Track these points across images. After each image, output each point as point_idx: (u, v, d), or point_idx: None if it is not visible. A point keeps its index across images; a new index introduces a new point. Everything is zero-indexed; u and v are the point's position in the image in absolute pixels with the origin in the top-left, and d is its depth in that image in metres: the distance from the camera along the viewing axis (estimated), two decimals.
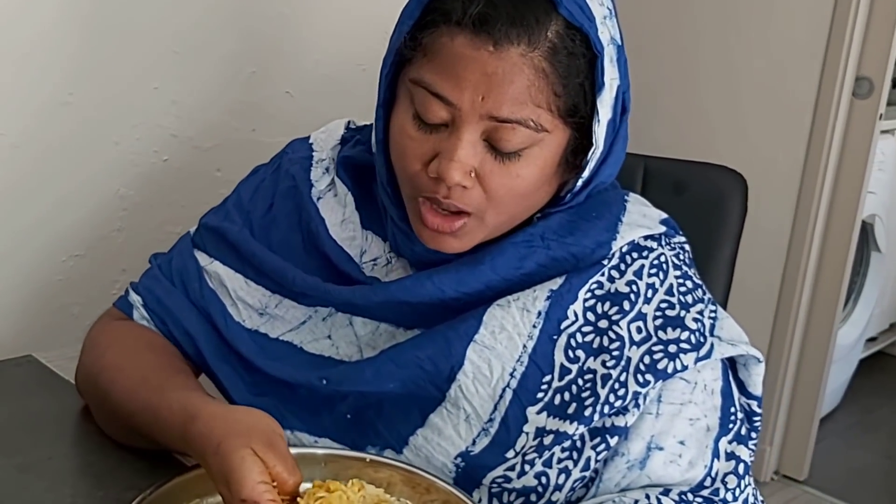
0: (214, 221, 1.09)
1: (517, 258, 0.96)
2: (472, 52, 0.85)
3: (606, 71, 0.89)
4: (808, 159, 2.64)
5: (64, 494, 0.96)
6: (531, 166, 0.90)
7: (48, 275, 1.40)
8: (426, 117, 0.88)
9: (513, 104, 0.85)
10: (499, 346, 0.94)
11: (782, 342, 2.79)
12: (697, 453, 0.94)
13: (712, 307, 0.99)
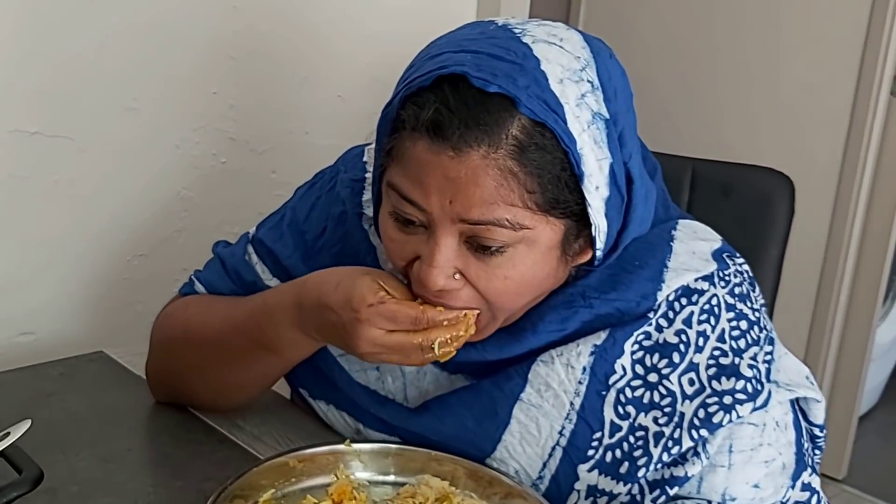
0: (269, 241, 1.10)
1: (559, 321, 0.93)
2: (432, 157, 0.81)
3: (586, 158, 0.82)
4: (846, 157, 2.65)
5: (145, 484, 1.01)
6: (520, 265, 0.85)
7: (115, 274, 1.45)
8: (403, 217, 0.86)
9: (482, 206, 0.81)
10: (545, 404, 0.93)
11: (820, 341, 2.79)
12: (773, 492, 0.92)
13: (768, 347, 0.94)
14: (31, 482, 0.84)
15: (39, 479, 0.85)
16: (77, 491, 0.96)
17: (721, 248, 0.99)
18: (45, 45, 1.30)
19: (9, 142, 1.30)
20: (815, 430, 0.99)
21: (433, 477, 0.99)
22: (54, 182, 1.35)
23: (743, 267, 0.99)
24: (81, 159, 1.37)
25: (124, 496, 0.97)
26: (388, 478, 1.00)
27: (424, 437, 0.99)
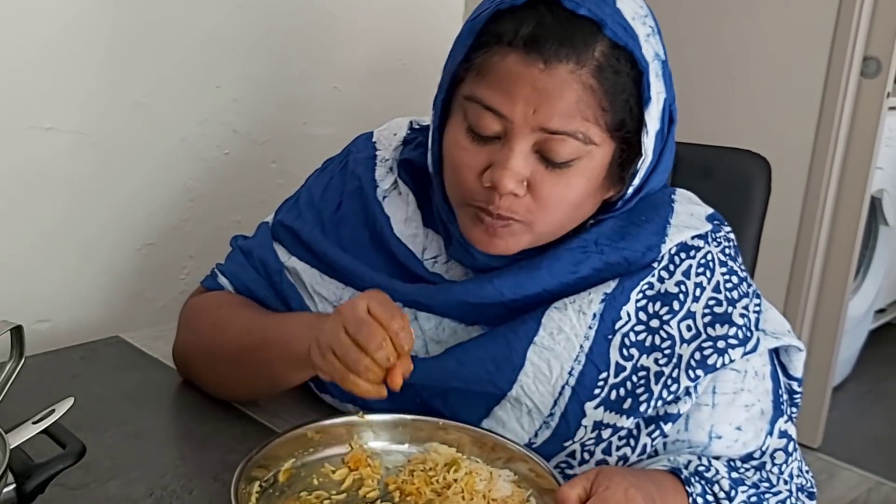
0: (288, 220, 1.17)
1: (573, 263, 1.02)
2: (523, 69, 0.91)
3: (652, 85, 0.95)
4: (818, 137, 2.70)
5: (173, 457, 1.08)
6: (579, 177, 0.95)
7: (125, 262, 1.51)
8: (480, 130, 0.95)
9: (562, 117, 0.91)
10: (557, 346, 1.01)
11: (794, 315, 2.83)
12: (753, 436, 1.02)
13: (756, 300, 1.05)
14: (76, 455, 0.91)
15: (82, 453, 0.91)
16: (110, 465, 1.02)
17: (713, 215, 1.10)
18: (58, 45, 1.36)
19: (25, 138, 1.36)
20: (793, 385, 1.09)
21: (441, 444, 1.06)
22: (68, 175, 1.42)
23: (730, 234, 1.10)
24: (93, 153, 1.43)
25: (154, 469, 1.04)
26: (398, 447, 1.07)
27: (446, 384, 1.05)
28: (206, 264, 1.56)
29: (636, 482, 0.92)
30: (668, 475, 0.99)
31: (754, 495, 1.00)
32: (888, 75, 2.66)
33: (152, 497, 0.99)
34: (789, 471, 1.05)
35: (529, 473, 1.01)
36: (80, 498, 0.97)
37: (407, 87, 1.77)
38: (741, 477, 1.01)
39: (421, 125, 1.19)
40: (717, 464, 1.00)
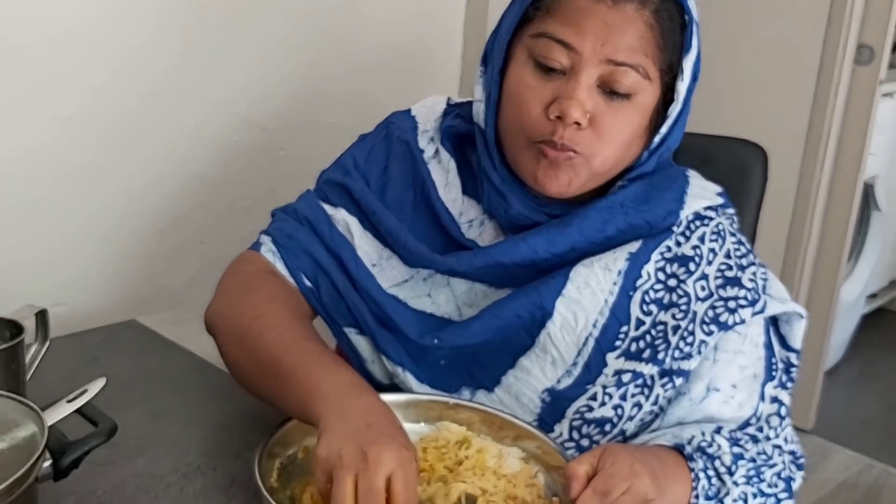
0: (337, 177, 1.18)
1: (600, 222, 1.09)
2: (594, 4, 1.00)
3: (694, 36, 1.04)
4: (812, 124, 2.74)
5: (195, 436, 1.12)
6: (635, 112, 1.04)
7: (139, 248, 1.55)
8: (548, 63, 1.02)
9: (628, 50, 1.00)
10: (584, 299, 1.08)
11: None
12: (747, 396, 1.09)
13: (762, 269, 1.12)
14: (108, 433, 0.94)
15: (114, 431, 0.95)
16: (135, 443, 1.07)
17: (722, 192, 1.18)
18: (75, 38, 1.40)
19: (44, 126, 1.39)
20: (791, 357, 1.15)
21: (451, 423, 1.10)
22: (84, 162, 1.45)
23: (734, 215, 1.18)
24: (108, 141, 1.47)
25: (177, 447, 1.08)
26: (411, 425, 1.10)
27: (481, 338, 1.09)
28: (217, 250, 1.60)
29: (640, 458, 0.97)
30: (672, 451, 1.04)
31: (752, 468, 1.05)
32: (881, 63, 2.70)
33: (178, 473, 1.03)
34: (784, 436, 1.12)
35: (537, 451, 1.06)
36: (108, 475, 1.01)
37: (411, 76, 1.81)
38: (742, 451, 1.06)
39: (456, 102, 1.23)
40: (719, 438, 1.05)
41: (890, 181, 3.50)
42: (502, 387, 1.12)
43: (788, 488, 1.09)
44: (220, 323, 1.14)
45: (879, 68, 2.71)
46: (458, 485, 1.00)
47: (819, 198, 2.80)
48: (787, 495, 1.08)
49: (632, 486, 0.92)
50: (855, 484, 2.78)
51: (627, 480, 0.92)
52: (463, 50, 1.96)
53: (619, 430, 1.09)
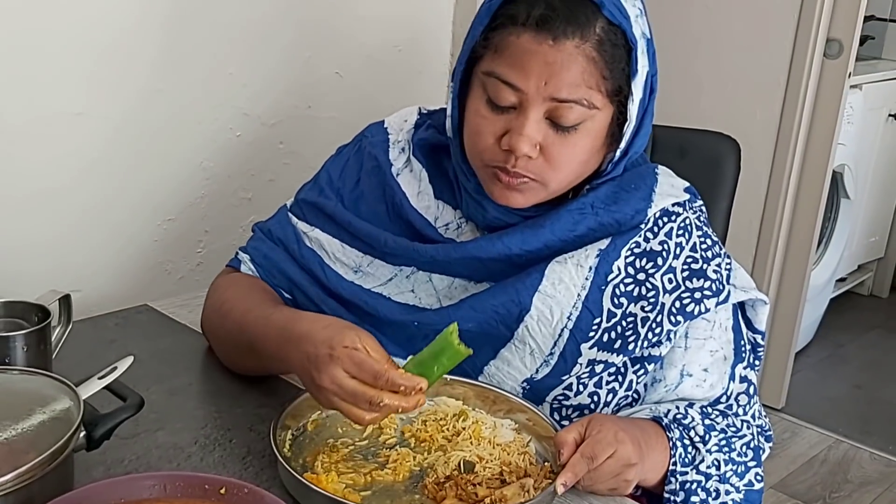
0: (311, 197, 1.28)
1: (571, 222, 1.16)
2: (535, 46, 1.04)
3: (639, 60, 1.08)
4: (783, 115, 2.81)
5: (210, 411, 1.20)
6: (586, 138, 1.09)
7: (147, 237, 1.63)
8: (498, 101, 1.08)
9: (570, 87, 1.05)
10: (558, 294, 1.15)
11: (760, 284, 2.92)
12: (717, 378, 1.18)
13: (728, 260, 1.20)
14: (136, 406, 1.02)
15: (141, 405, 1.03)
16: (155, 417, 1.14)
17: (689, 188, 1.25)
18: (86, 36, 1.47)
19: (57, 122, 1.47)
20: (757, 338, 1.24)
21: (448, 398, 1.19)
22: (94, 156, 1.53)
23: (702, 206, 1.24)
24: (117, 136, 1.54)
25: (195, 420, 1.16)
26: None
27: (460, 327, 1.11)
28: (220, 238, 1.69)
29: (624, 426, 1.07)
30: (651, 422, 1.13)
31: (723, 439, 1.15)
32: (850, 56, 2.77)
33: (197, 444, 1.11)
34: (752, 412, 1.21)
35: (528, 422, 1.15)
36: (133, 446, 1.09)
37: (403, 72, 1.89)
38: (713, 423, 1.16)
39: (428, 110, 1.31)
40: (692, 412, 1.15)
41: (858, 170, 3.57)
42: (484, 375, 1.20)
43: (757, 457, 1.18)
44: (204, 324, 1.31)
45: (848, 62, 2.77)
46: (457, 453, 1.09)
47: (790, 186, 2.87)
48: (755, 463, 1.17)
49: (616, 451, 1.02)
50: (825, 459, 2.91)
51: (612, 446, 1.02)
52: (452, 46, 2.03)
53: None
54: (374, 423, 1.02)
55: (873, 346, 3.80)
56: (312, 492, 0.97)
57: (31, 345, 1.13)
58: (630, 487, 1.06)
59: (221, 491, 0.91)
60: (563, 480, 0.99)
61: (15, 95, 1.43)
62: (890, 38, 4.08)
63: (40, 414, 0.95)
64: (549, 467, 1.07)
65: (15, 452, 0.89)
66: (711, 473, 1.12)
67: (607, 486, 1.04)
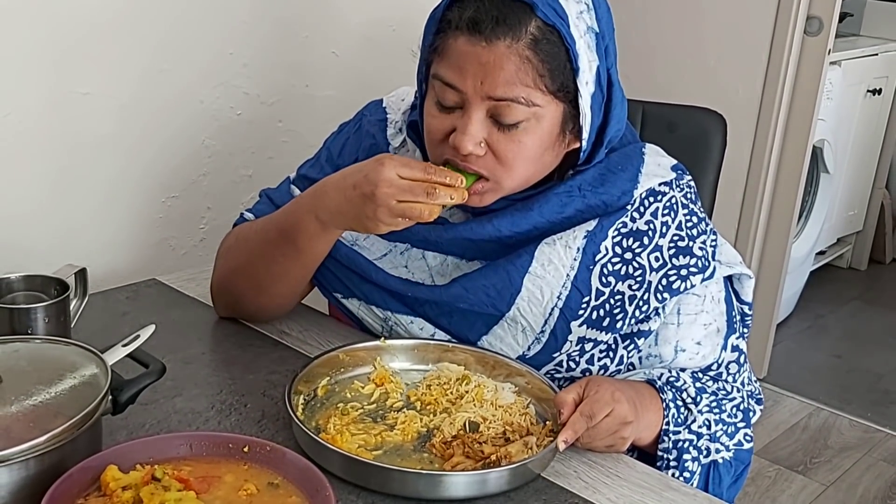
0: (312, 173, 1.33)
1: (559, 205, 1.20)
2: (470, 47, 1.08)
3: (581, 57, 1.09)
4: (765, 91, 2.87)
5: (224, 378, 1.25)
6: (531, 134, 1.11)
7: (152, 213, 1.67)
8: (443, 102, 1.12)
9: (505, 86, 1.07)
10: (548, 275, 1.19)
11: (743, 256, 2.96)
12: (710, 349, 1.23)
13: (713, 236, 1.24)
14: (158, 373, 1.08)
15: (163, 371, 1.08)
16: (171, 385, 1.19)
17: (677, 165, 1.28)
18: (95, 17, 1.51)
19: (66, 102, 1.51)
20: (744, 308, 1.30)
21: (450, 364, 1.25)
22: (101, 135, 1.57)
23: (690, 182, 1.28)
24: (123, 115, 1.58)
25: (210, 387, 1.22)
26: (415, 366, 1.25)
27: (453, 305, 1.23)
28: (221, 214, 1.73)
29: (620, 387, 1.13)
30: (645, 384, 1.19)
31: (714, 401, 1.21)
32: (829, 33, 2.82)
33: (213, 409, 1.16)
34: (741, 379, 1.27)
35: (527, 385, 1.21)
36: (153, 411, 1.15)
37: (396, 51, 1.92)
38: (703, 386, 1.22)
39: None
40: (684, 375, 1.21)
41: (837, 145, 3.63)
42: None
43: (746, 419, 1.24)
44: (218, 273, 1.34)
45: (828, 39, 2.83)
46: (462, 414, 1.15)
47: (771, 161, 2.93)
48: (744, 424, 1.23)
49: (613, 410, 1.08)
50: (805, 426, 3.00)
51: (609, 405, 1.08)
52: None
53: None
54: (433, 217, 1.08)
55: (852, 316, 3.88)
56: (328, 451, 1.03)
57: (51, 316, 1.18)
58: (626, 444, 1.12)
59: (245, 449, 0.97)
60: (564, 438, 1.05)
61: (27, 77, 1.47)
62: (868, 15, 4.14)
63: (70, 379, 1.00)
64: (550, 426, 1.13)
65: (46, 416, 0.94)
66: (702, 433, 1.18)
67: (605, 444, 1.10)
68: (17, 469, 0.89)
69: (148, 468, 0.92)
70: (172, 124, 1.66)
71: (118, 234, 1.64)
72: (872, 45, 3.86)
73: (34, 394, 0.97)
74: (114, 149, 1.59)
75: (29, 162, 1.51)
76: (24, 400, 0.95)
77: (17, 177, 1.51)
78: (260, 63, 1.75)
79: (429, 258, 1.27)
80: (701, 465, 1.18)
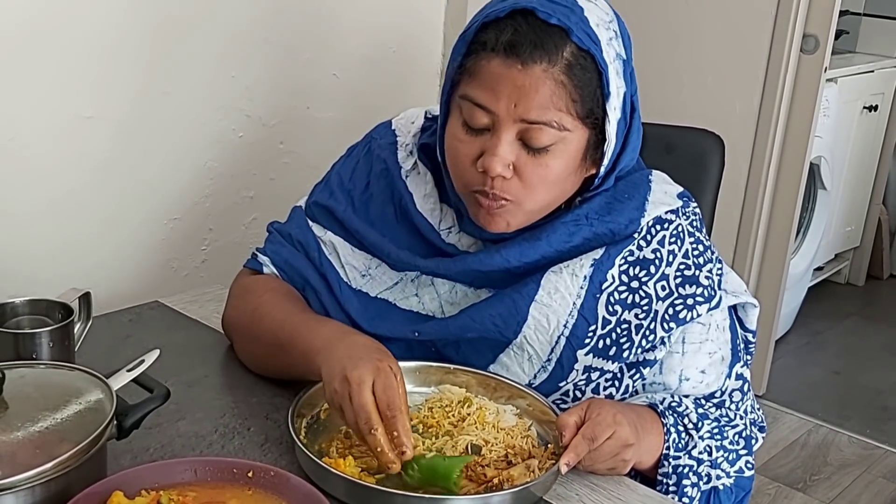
0: (322, 200, 1.33)
1: (567, 234, 1.20)
2: (505, 70, 1.08)
3: (612, 82, 1.11)
4: (761, 109, 2.87)
5: (227, 401, 1.25)
6: (558, 158, 1.12)
7: (154, 235, 1.68)
8: (472, 123, 1.12)
9: (539, 109, 1.08)
10: (554, 303, 1.19)
11: (741, 273, 2.92)
12: (715, 378, 1.22)
13: (719, 265, 1.24)
14: (163, 397, 1.08)
15: (168, 395, 1.08)
16: (176, 408, 1.19)
17: (683, 192, 1.28)
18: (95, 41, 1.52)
19: (69, 126, 1.52)
20: (748, 336, 1.30)
21: (452, 386, 1.25)
22: (105, 158, 1.58)
23: (696, 209, 1.29)
24: (126, 138, 1.60)
25: (213, 410, 1.22)
26: (416, 388, 1.25)
27: (460, 335, 1.23)
28: (223, 236, 1.75)
29: (621, 409, 1.13)
30: (647, 408, 1.19)
31: (716, 427, 1.21)
32: (825, 52, 2.84)
33: (217, 433, 1.17)
34: (745, 407, 1.27)
35: (528, 408, 1.21)
36: (157, 435, 1.15)
37: (397, 72, 1.94)
38: (706, 412, 1.21)
39: (434, 114, 1.34)
40: (686, 401, 1.21)
41: (834, 162, 3.64)
42: None
43: (748, 446, 1.24)
44: (231, 323, 1.35)
45: (824, 57, 2.84)
46: (464, 437, 1.15)
47: (769, 178, 2.93)
48: (746, 452, 1.23)
49: (615, 432, 1.09)
50: (805, 443, 3.00)
51: (611, 427, 1.08)
52: (443, 47, 2.09)
53: None
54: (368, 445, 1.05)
55: (850, 332, 3.88)
56: (331, 475, 1.03)
57: (56, 340, 1.19)
58: (628, 467, 1.12)
59: (249, 474, 0.97)
60: (566, 460, 1.05)
61: (31, 101, 1.48)
62: (864, 32, 4.16)
63: (75, 405, 1.00)
64: (552, 449, 1.13)
65: (52, 442, 0.94)
66: (703, 459, 1.18)
67: (606, 466, 1.10)
68: (24, 496, 0.89)
69: (153, 494, 0.93)
70: (174, 147, 1.68)
71: (121, 256, 1.65)
72: (868, 62, 3.88)
73: (40, 420, 0.97)
74: (116, 171, 1.61)
75: (32, 186, 1.52)
76: (29, 426, 0.96)
77: (21, 200, 1.52)
78: (261, 85, 1.77)
79: (438, 286, 1.27)
80: (701, 491, 1.18)
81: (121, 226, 1.64)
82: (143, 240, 1.67)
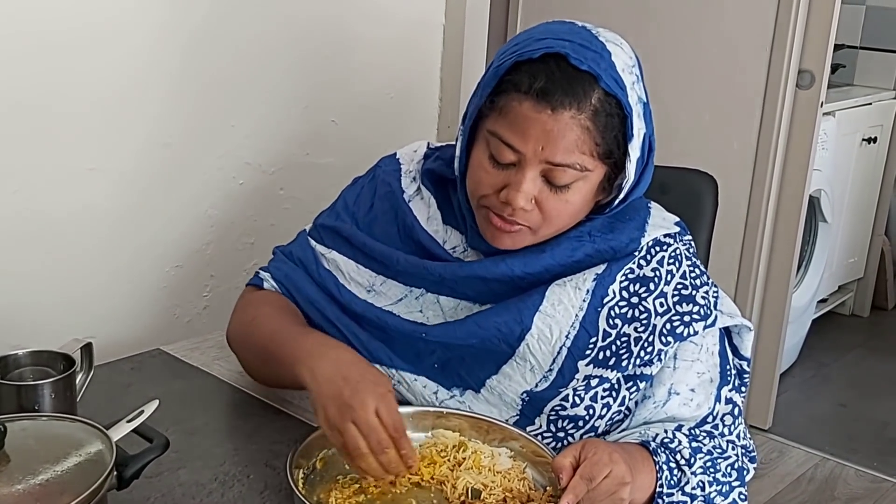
0: (329, 221, 1.38)
1: (570, 249, 1.25)
2: (535, 114, 1.13)
3: (635, 125, 1.17)
4: (759, 144, 2.89)
5: (228, 448, 1.27)
6: (577, 195, 1.19)
7: (156, 283, 1.70)
8: (499, 159, 1.18)
9: (564, 153, 1.14)
10: (557, 315, 1.24)
11: (743, 308, 2.97)
12: (704, 398, 1.25)
13: (714, 288, 1.29)
14: (162, 447, 1.09)
15: (167, 445, 1.10)
16: (176, 456, 1.20)
17: (679, 222, 1.34)
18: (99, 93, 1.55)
19: (73, 178, 1.55)
20: (743, 365, 1.32)
21: (445, 430, 1.25)
22: (107, 209, 1.60)
23: (690, 241, 1.34)
24: (128, 188, 1.62)
25: (214, 458, 1.23)
26: (411, 434, 1.20)
27: (465, 343, 1.26)
28: (224, 282, 1.77)
29: (616, 448, 1.14)
30: (639, 447, 1.21)
31: (709, 460, 1.22)
32: (821, 87, 2.85)
33: (217, 481, 1.18)
34: (736, 433, 1.28)
35: (522, 449, 1.22)
36: (157, 485, 1.16)
37: (395, 117, 1.97)
38: (699, 445, 1.23)
39: (436, 146, 1.41)
40: (679, 435, 1.22)
41: (834, 194, 3.65)
42: (487, 388, 1.29)
43: (741, 478, 1.26)
44: (231, 336, 1.40)
45: (820, 92, 2.86)
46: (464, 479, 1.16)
47: (768, 213, 2.94)
48: (739, 483, 1.24)
49: (612, 470, 1.10)
50: (812, 477, 2.97)
51: (608, 466, 1.09)
52: (440, 92, 2.11)
53: (591, 427, 1.26)
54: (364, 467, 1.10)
55: (856, 364, 3.86)
56: None
57: (58, 392, 1.20)
58: None
59: None
60: (566, 502, 1.06)
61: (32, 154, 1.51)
62: (861, 65, 4.18)
63: (75, 457, 1.02)
64: (550, 492, 1.14)
65: (53, 494, 0.96)
66: (696, 494, 1.20)
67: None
68: None
69: None
70: (175, 195, 1.70)
71: (123, 305, 1.67)
72: (866, 95, 3.90)
73: (41, 472, 0.99)
74: (118, 221, 1.63)
75: (35, 237, 1.55)
76: (31, 479, 0.97)
77: (24, 252, 1.54)
78: (261, 134, 1.80)
79: (443, 301, 1.31)
80: None
81: (123, 274, 1.66)
82: (145, 288, 1.69)
